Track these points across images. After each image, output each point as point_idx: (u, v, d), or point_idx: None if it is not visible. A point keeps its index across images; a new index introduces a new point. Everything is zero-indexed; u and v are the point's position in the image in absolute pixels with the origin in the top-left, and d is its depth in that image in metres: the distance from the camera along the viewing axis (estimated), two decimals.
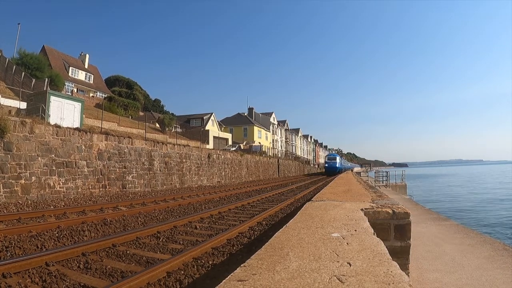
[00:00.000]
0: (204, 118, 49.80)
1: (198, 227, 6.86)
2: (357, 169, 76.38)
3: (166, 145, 18.11)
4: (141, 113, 45.24)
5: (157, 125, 35.63)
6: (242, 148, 39.59)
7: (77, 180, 12.09)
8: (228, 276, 1.53)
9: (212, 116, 50.53)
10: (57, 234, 5.79)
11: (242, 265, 1.70)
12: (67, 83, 39.44)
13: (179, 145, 19.88)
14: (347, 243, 2.09)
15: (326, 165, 47.27)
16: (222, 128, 52.25)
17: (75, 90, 41.95)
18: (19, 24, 36.71)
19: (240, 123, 56.36)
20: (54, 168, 11.20)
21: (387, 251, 1.90)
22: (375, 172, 37.64)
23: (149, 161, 16.30)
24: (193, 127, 46.46)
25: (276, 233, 2.50)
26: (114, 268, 3.98)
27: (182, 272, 3.85)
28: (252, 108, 62.20)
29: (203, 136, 32.33)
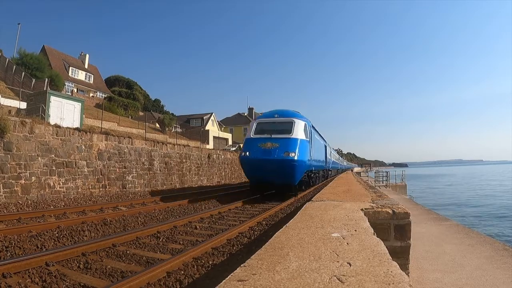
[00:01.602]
0: (204, 118, 49.84)
1: (198, 227, 6.86)
2: (357, 169, 76.30)
3: (166, 145, 18.11)
4: (141, 113, 45.27)
5: (157, 125, 35.66)
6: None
7: (77, 180, 12.08)
8: (228, 276, 1.53)
9: (212, 116, 50.56)
10: (57, 234, 5.79)
11: (242, 265, 1.70)
12: (67, 83, 39.47)
13: (179, 145, 19.88)
14: (347, 243, 2.09)
15: (250, 155, 11.11)
16: (222, 128, 52.28)
17: (75, 90, 41.97)
18: (19, 24, 36.78)
19: (240, 123, 56.39)
20: (54, 168, 11.20)
21: (387, 251, 1.90)
22: (375, 172, 37.56)
23: (149, 161, 16.30)
24: (193, 127, 46.50)
25: (276, 233, 2.50)
26: (114, 268, 3.98)
27: (182, 272, 3.85)
28: (252, 108, 62.24)
29: (203, 136, 32.34)
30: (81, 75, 45.22)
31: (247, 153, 11.08)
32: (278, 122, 11.70)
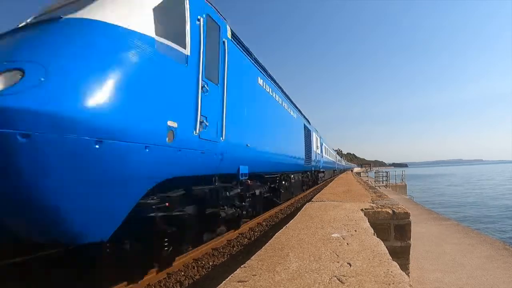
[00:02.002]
0: None
1: None
2: (357, 169, 76.25)
3: None
4: None
5: None
6: None
7: None
8: (228, 277, 1.53)
9: None
10: None
11: (242, 266, 1.71)
12: None
13: None
14: (347, 244, 2.09)
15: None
16: None
17: None
18: None
19: None
20: None
21: (387, 251, 1.90)
22: (375, 172, 37.58)
23: None
24: None
25: (276, 233, 2.51)
26: None
27: (182, 273, 3.84)
28: None
29: None
30: None
31: None
32: None
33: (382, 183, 28.19)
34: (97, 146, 2.23)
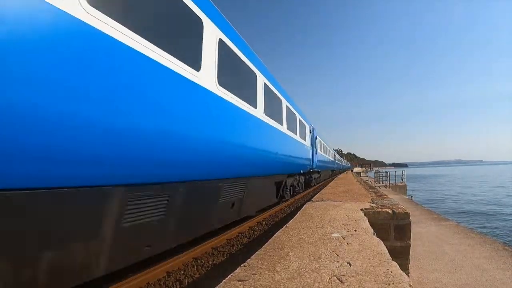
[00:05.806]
0: None
1: None
2: (357, 169, 75.98)
3: None
4: None
5: None
6: None
7: None
8: (228, 276, 1.53)
9: None
10: None
11: (242, 265, 1.71)
12: None
13: None
14: (347, 243, 2.09)
15: None
16: None
17: None
18: None
19: None
20: None
21: (387, 251, 1.90)
22: (375, 172, 37.56)
23: None
24: None
25: (276, 233, 2.51)
26: None
27: (182, 272, 3.85)
28: None
29: None
30: None
31: None
32: None
33: (382, 183, 28.17)
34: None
